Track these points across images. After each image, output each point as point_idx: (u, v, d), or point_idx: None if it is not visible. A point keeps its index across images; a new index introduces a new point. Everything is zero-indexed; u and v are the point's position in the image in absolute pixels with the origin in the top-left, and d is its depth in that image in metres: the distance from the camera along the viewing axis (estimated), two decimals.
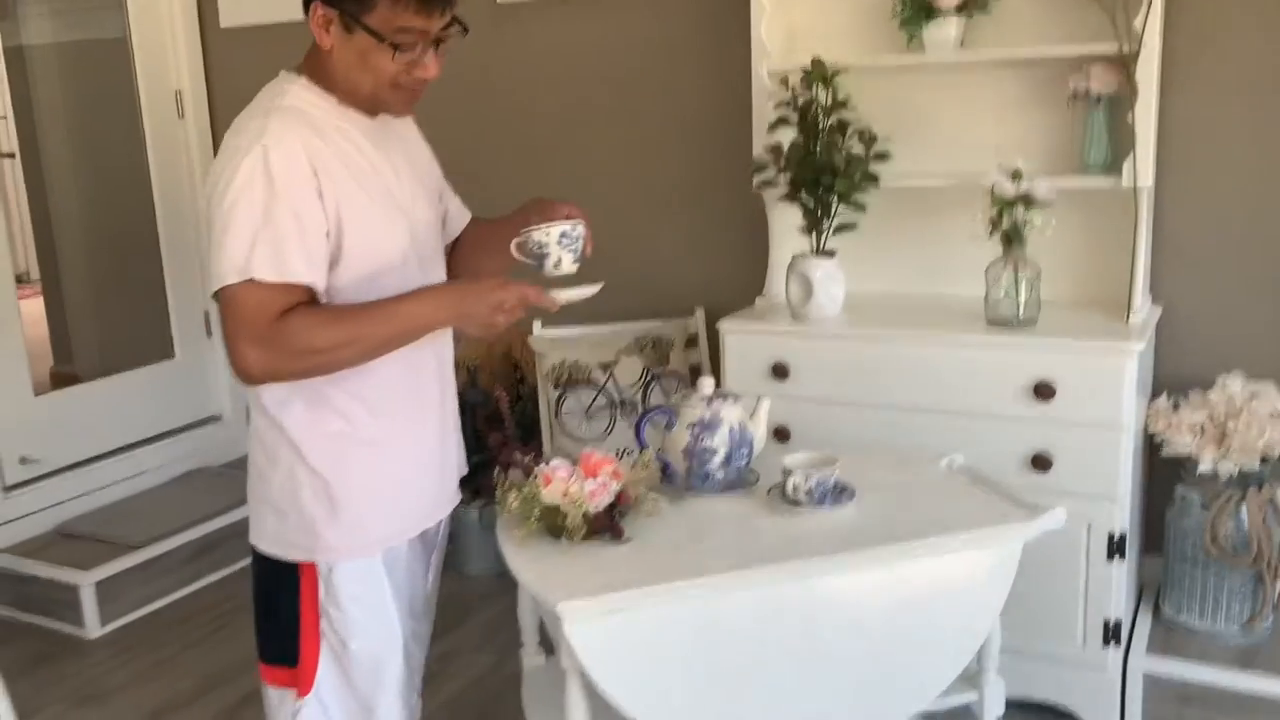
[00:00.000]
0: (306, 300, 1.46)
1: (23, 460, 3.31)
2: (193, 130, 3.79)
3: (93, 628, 3.02)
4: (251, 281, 1.42)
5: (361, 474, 1.57)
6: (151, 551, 3.17)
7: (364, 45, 1.49)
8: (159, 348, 3.81)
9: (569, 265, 1.57)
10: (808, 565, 1.53)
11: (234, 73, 3.76)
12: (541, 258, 1.56)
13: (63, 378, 3.79)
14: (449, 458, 1.72)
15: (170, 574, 3.22)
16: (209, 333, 3.90)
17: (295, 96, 1.52)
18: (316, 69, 1.54)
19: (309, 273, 1.46)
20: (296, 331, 1.44)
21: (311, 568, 1.57)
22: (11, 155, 3.53)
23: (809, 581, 1.53)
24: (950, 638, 1.61)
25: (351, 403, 1.55)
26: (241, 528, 3.32)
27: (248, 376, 1.47)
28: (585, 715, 1.53)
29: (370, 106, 1.56)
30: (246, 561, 3.40)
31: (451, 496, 1.74)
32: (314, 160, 1.46)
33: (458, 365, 1.79)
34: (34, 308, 3.97)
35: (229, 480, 3.62)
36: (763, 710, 1.54)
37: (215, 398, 3.92)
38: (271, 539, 1.59)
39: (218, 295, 1.45)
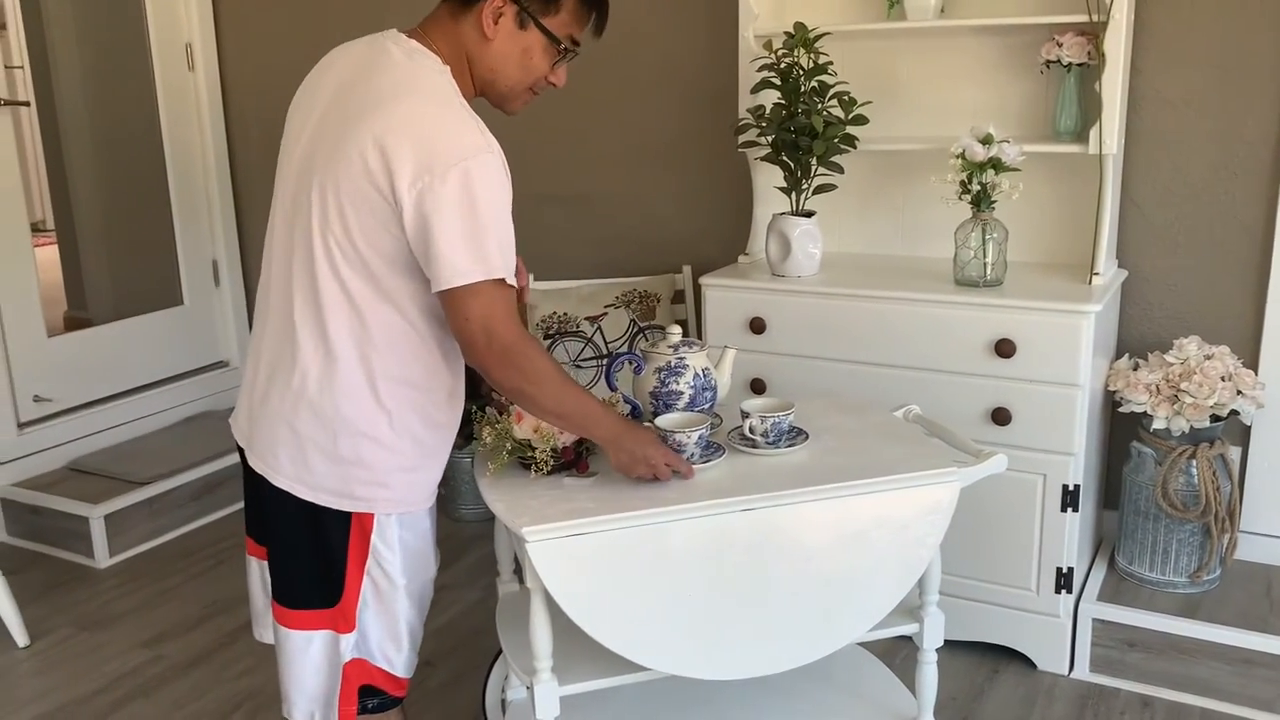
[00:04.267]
0: None
1: (36, 399, 3.45)
2: (202, 82, 3.89)
3: (102, 558, 3.17)
4: (501, 281, 1.50)
5: (438, 433, 1.67)
6: (158, 488, 3.31)
7: (530, 43, 1.59)
8: (169, 294, 3.94)
9: (699, 458, 1.77)
10: (751, 499, 1.64)
11: (243, 26, 3.86)
12: (678, 452, 1.74)
13: (76, 322, 3.91)
14: None
15: (176, 510, 3.36)
16: (216, 281, 4.03)
17: (456, 91, 1.55)
18: (451, 53, 1.58)
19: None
20: (537, 359, 1.57)
21: (369, 515, 1.62)
22: (27, 103, 3.62)
23: (753, 514, 1.64)
24: (889, 570, 1.72)
25: (443, 370, 1.65)
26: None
27: (481, 359, 1.54)
28: (547, 630, 1.65)
29: (495, 100, 1.65)
30: None
31: None
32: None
33: None
34: (49, 255, 4.09)
35: None
36: (706, 632, 1.66)
37: (222, 344, 4.06)
38: (330, 492, 1.60)
39: (457, 290, 1.48)
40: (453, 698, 2.45)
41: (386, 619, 1.67)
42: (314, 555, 1.63)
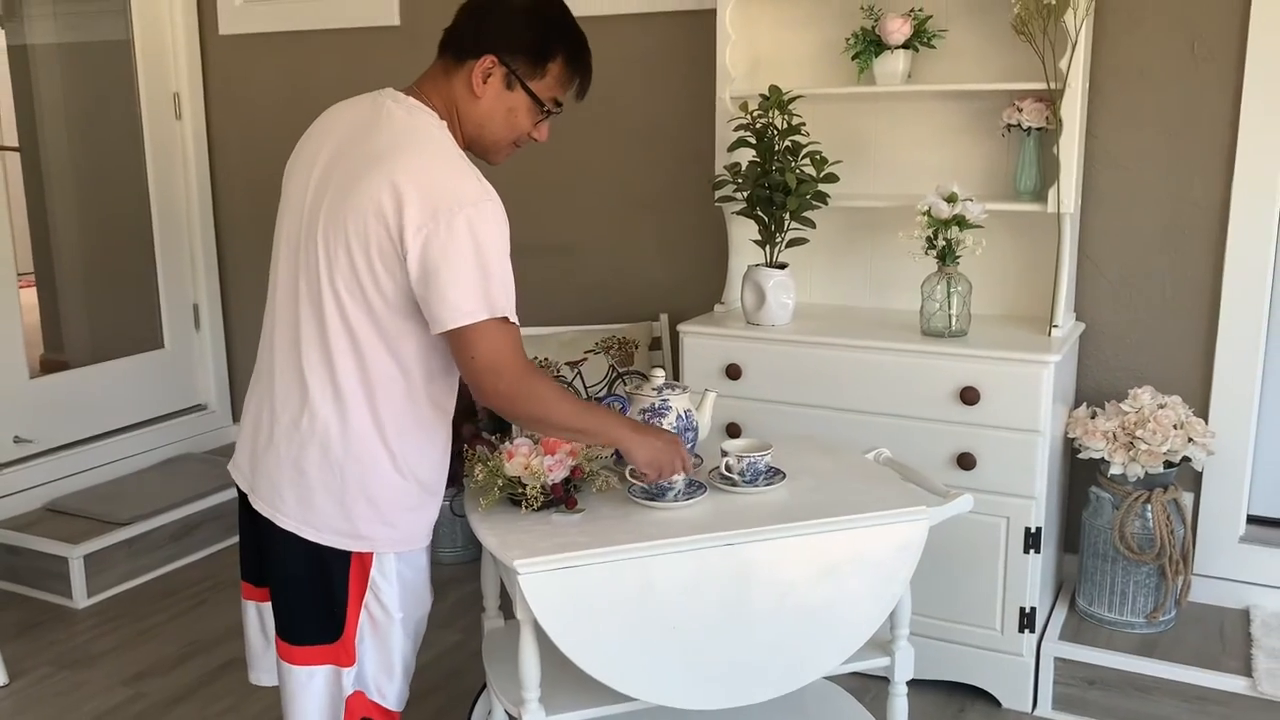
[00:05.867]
0: None
1: (16, 439, 3.47)
2: (189, 131, 3.97)
3: (80, 598, 3.18)
4: (505, 320, 1.59)
5: (437, 473, 1.76)
6: (137, 529, 3.33)
7: (516, 103, 1.70)
8: (149, 338, 3.98)
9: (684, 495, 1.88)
10: (732, 535, 1.73)
11: (230, 78, 3.96)
12: (664, 491, 1.86)
13: (52, 365, 3.94)
14: None
15: (154, 551, 3.38)
16: (197, 325, 4.08)
17: (455, 143, 1.66)
18: (443, 106, 1.69)
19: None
20: (542, 386, 1.66)
21: (369, 553, 1.69)
22: (18, 149, 3.68)
23: (734, 549, 1.72)
24: (863, 604, 1.81)
25: (436, 413, 1.73)
26: (221, 510, 3.51)
27: (491, 398, 1.63)
28: (536, 661, 1.72)
29: (479, 151, 1.75)
30: (228, 543, 3.58)
31: None
32: None
33: None
34: (26, 298, 4.12)
35: (211, 466, 3.80)
36: (690, 662, 1.74)
37: (201, 388, 4.10)
38: (336, 532, 1.67)
39: (463, 331, 1.56)
40: None
41: (381, 651, 1.73)
42: (317, 593, 1.70)
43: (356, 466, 1.65)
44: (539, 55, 1.69)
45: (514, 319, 1.62)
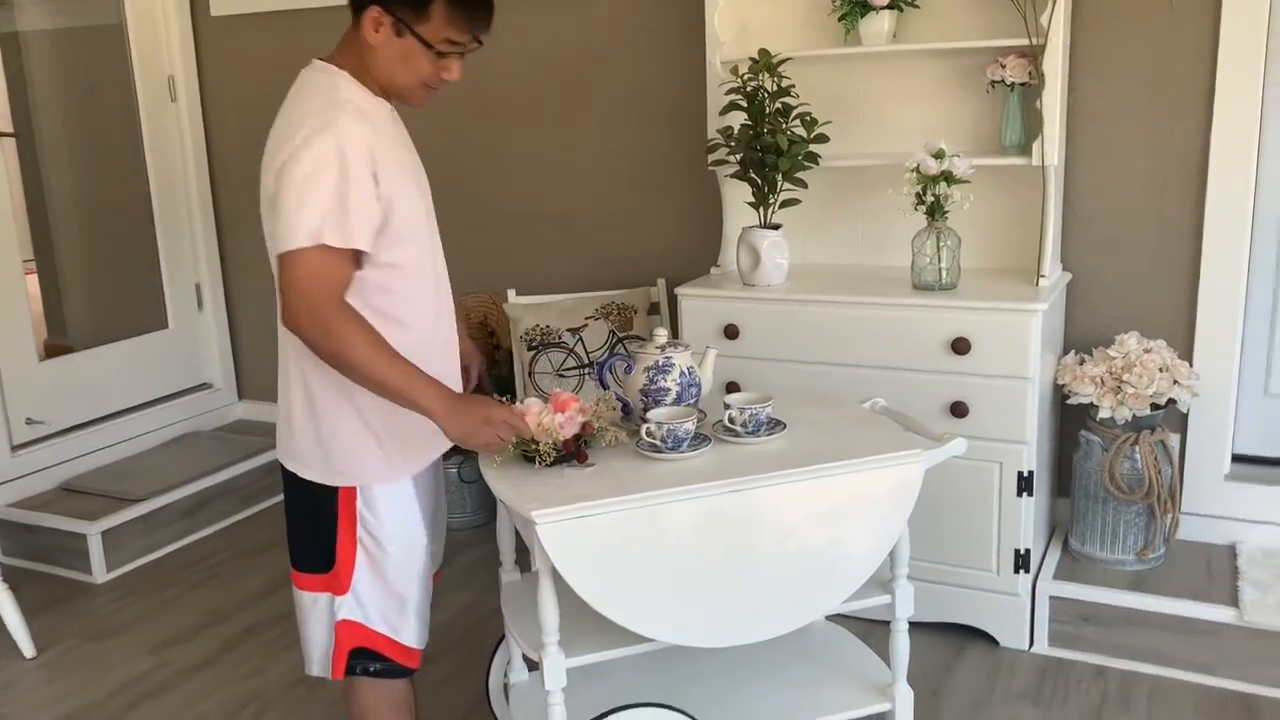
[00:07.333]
0: (356, 263, 1.72)
1: (29, 421, 3.53)
2: (185, 113, 4.01)
3: (99, 573, 3.26)
4: (322, 247, 1.66)
5: (397, 417, 1.81)
6: (152, 505, 3.41)
7: (409, 49, 1.75)
8: (153, 319, 4.04)
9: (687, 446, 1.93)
10: (736, 481, 1.81)
11: (224, 58, 4.00)
12: (671, 438, 1.91)
13: (56, 349, 4.00)
14: None
15: (169, 526, 3.46)
16: (200, 305, 4.14)
17: (349, 92, 1.74)
18: (354, 61, 1.77)
19: (362, 239, 1.70)
20: (345, 325, 1.67)
21: (352, 488, 1.82)
22: (15, 135, 3.71)
23: (738, 495, 1.80)
24: (863, 544, 1.89)
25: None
26: (231, 485, 3.58)
27: (293, 322, 1.69)
28: (554, 607, 1.80)
29: (396, 96, 1.82)
30: (240, 516, 3.65)
31: None
32: (374, 150, 1.70)
33: None
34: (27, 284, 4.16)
35: (220, 443, 3.88)
36: (699, 603, 1.82)
37: (207, 367, 4.17)
38: (319, 470, 1.82)
39: (284, 256, 1.66)
40: (455, 689, 2.58)
41: (381, 585, 1.85)
42: (312, 526, 1.85)
43: (327, 408, 1.80)
44: (418, 0, 1.73)
45: (343, 244, 1.66)
